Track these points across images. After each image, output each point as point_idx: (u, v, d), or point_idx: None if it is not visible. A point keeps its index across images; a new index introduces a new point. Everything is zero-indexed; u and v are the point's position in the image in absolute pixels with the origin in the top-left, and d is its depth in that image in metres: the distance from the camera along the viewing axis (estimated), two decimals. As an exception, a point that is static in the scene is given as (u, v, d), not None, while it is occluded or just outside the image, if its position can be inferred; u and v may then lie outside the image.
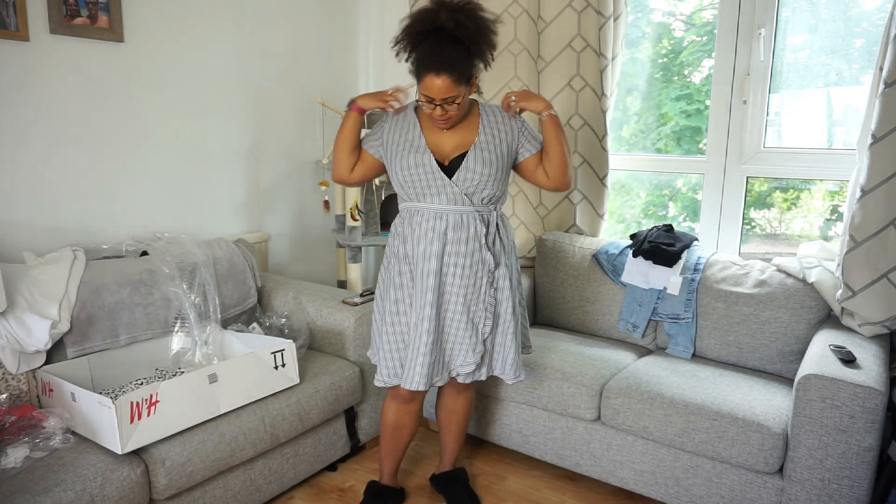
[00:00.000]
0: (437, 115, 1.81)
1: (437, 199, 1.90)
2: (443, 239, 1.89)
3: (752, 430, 1.93)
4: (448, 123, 1.85)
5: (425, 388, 1.90)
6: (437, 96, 1.76)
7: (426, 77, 1.75)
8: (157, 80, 2.51)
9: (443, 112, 1.79)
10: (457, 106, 1.80)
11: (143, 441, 1.76)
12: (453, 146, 1.90)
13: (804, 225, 2.70)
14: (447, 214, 1.90)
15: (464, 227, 1.90)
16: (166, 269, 2.28)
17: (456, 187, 1.87)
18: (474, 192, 1.89)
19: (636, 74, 2.96)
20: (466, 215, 1.90)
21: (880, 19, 2.36)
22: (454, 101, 1.79)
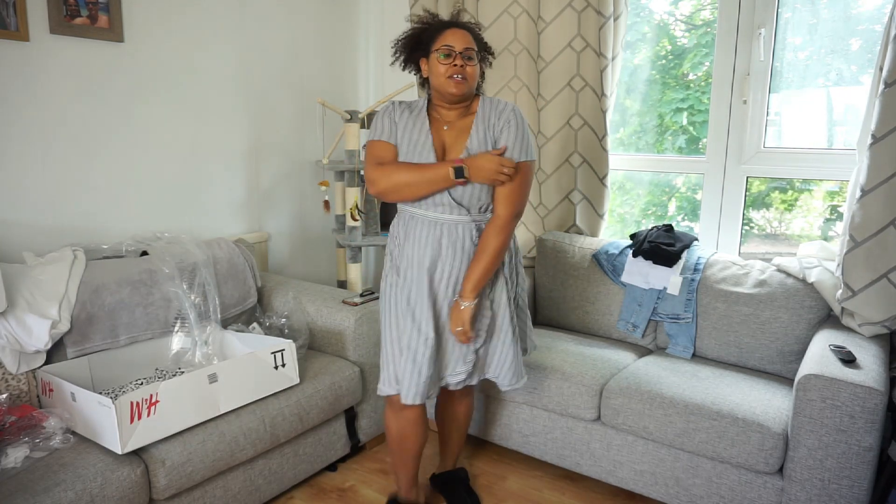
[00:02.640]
0: (453, 73, 1.76)
1: (433, 206, 1.84)
2: (436, 249, 1.84)
3: (752, 430, 1.93)
4: (463, 86, 1.77)
5: (422, 401, 1.87)
6: (458, 45, 1.76)
7: (447, 31, 1.78)
8: (157, 80, 2.51)
9: (461, 67, 1.75)
10: (474, 67, 1.78)
11: (143, 441, 1.76)
12: (458, 150, 1.85)
13: (804, 225, 2.70)
14: (443, 224, 1.84)
15: (458, 238, 1.84)
16: (166, 269, 2.28)
17: (450, 196, 1.81)
18: (469, 199, 1.82)
19: (636, 75, 2.96)
20: (462, 226, 1.84)
21: (880, 19, 2.36)
22: (471, 58, 1.78)
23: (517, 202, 1.82)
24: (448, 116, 1.87)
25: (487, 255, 1.81)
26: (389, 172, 1.82)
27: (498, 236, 1.81)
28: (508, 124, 1.80)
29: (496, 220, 1.82)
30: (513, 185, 1.79)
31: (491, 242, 1.81)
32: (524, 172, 1.81)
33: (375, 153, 1.86)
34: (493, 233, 1.81)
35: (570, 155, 2.88)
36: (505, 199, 1.80)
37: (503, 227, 1.81)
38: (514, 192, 1.80)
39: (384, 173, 1.82)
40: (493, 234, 1.81)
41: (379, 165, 1.84)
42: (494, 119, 1.82)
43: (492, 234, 1.81)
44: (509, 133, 1.79)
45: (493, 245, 1.81)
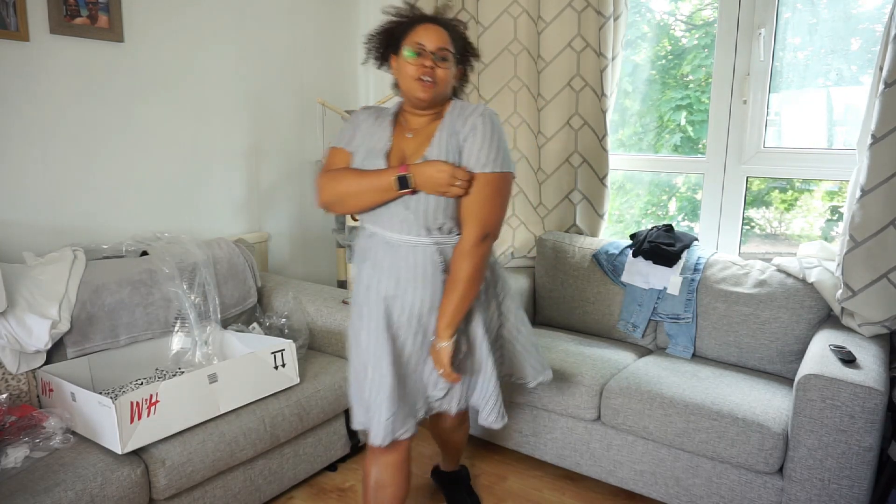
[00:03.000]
0: (421, 74, 1.56)
1: (389, 223, 1.62)
2: (394, 275, 1.63)
3: (752, 430, 1.93)
4: (431, 90, 1.57)
5: (388, 443, 1.64)
6: (430, 43, 1.56)
7: (419, 27, 1.60)
8: (157, 80, 2.51)
9: (431, 69, 1.56)
10: (446, 70, 1.58)
11: (143, 441, 1.76)
12: (411, 155, 1.64)
13: (804, 225, 2.70)
14: (400, 246, 1.62)
15: (419, 263, 1.61)
16: (166, 269, 2.29)
17: (407, 210, 1.58)
18: (424, 216, 1.58)
19: (636, 74, 2.96)
20: (422, 250, 1.61)
21: (880, 19, 2.36)
22: (445, 59, 1.58)
23: (485, 221, 1.57)
24: (414, 123, 1.67)
25: (457, 285, 1.58)
26: (333, 181, 1.63)
27: (465, 261, 1.58)
28: (474, 130, 1.56)
29: (462, 242, 1.59)
30: (478, 200, 1.56)
31: (458, 269, 1.59)
32: (492, 185, 1.55)
33: (328, 161, 1.71)
34: (459, 257, 1.59)
35: (570, 155, 2.88)
36: (470, 217, 1.57)
37: (469, 252, 1.58)
38: (480, 208, 1.56)
39: (328, 182, 1.63)
40: (459, 259, 1.59)
41: (326, 173, 1.66)
42: (460, 125, 1.59)
43: (458, 259, 1.59)
44: (474, 140, 1.56)
45: (461, 273, 1.58)
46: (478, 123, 1.56)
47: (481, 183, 1.55)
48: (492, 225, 1.59)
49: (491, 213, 1.58)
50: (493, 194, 1.57)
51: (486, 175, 1.55)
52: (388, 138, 1.65)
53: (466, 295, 1.60)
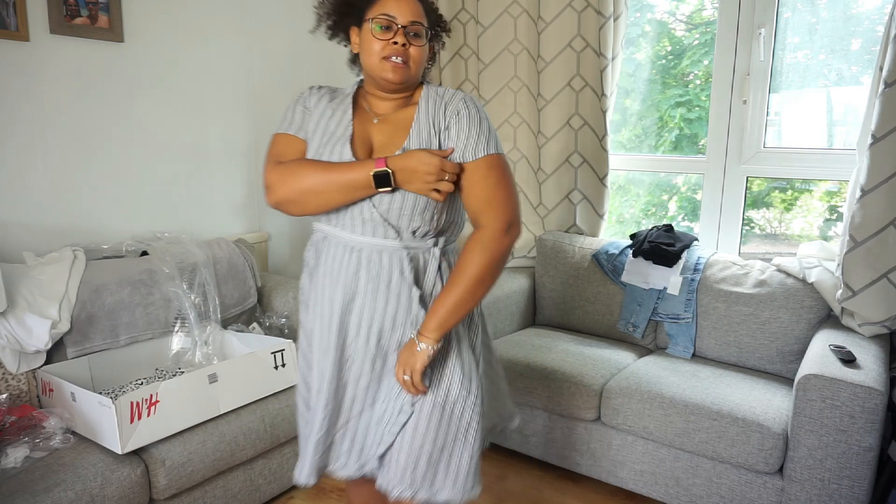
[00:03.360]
0: (391, 53, 1.31)
1: (350, 223, 1.35)
2: (352, 283, 1.36)
3: (752, 430, 1.93)
4: (402, 72, 1.33)
5: (315, 480, 1.44)
6: (401, 16, 1.32)
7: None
8: (157, 80, 2.51)
9: (402, 47, 1.32)
10: (420, 49, 1.35)
11: (143, 441, 1.76)
12: (384, 145, 1.39)
13: (804, 225, 2.70)
14: (361, 250, 1.36)
15: (383, 270, 1.35)
16: (166, 269, 2.29)
17: (374, 209, 1.32)
18: (399, 216, 1.32)
19: (636, 74, 2.96)
20: (387, 255, 1.35)
21: (880, 19, 2.36)
22: (419, 35, 1.34)
23: (507, 206, 1.33)
24: (380, 107, 1.41)
25: (465, 281, 1.31)
26: (290, 175, 1.34)
27: (480, 254, 1.30)
28: (458, 116, 1.33)
29: (482, 231, 1.33)
30: (489, 187, 1.33)
31: (469, 262, 1.31)
32: (498, 168, 1.34)
33: (275, 150, 1.41)
34: (477, 248, 1.31)
35: (570, 155, 2.88)
36: (488, 207, 1.33)
37: (489, 242, 1.31)
38: (495, 193, 1.33)
39: (283, 176, 1.34)
40: (477, 251, 1.31)
41: (277, 166, 1.36)
42: (440, 114, 1.35)
43: (476, 251, 1.31)
44: (459, 127, 1.33)
45: (471, 267, 1.31)
46: (461, 108, 1.33)
47: (485, 168, 1.32)
48: (515, 211, 1.35)
49: (509, 197, 1.34)
50: (502, 177, 1.34)
51: (488, 158, 1.32)
52: (349, 123, 1.37)
53: (470, 295, 1.32)
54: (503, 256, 1.34)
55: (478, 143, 1.33)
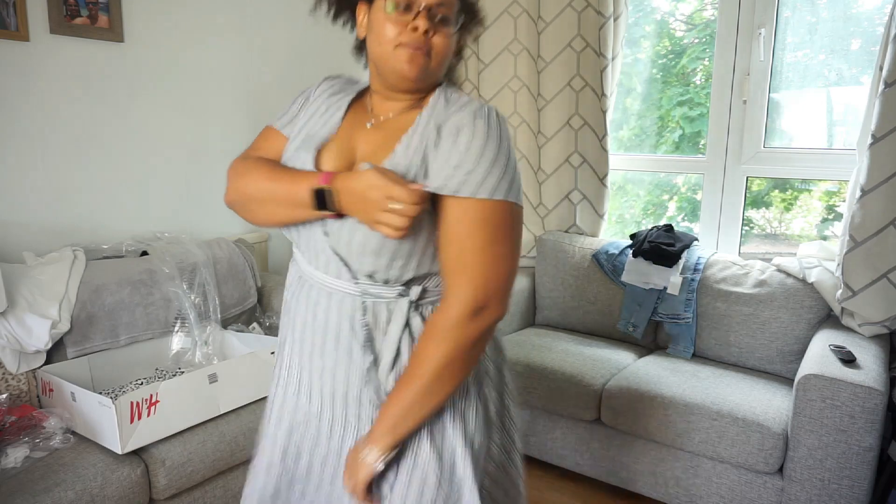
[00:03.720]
0: (410, 41, 1.00)
1: (306, 250, 1.09)
2: (302, 333, 1.10)
3: (752, 430, 1.93)
4: (422, 64, 1.01)
5: None
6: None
7: None
8: (157, 80, 2.51)
9: (423, 35, 1.00)
10: (446, 39, 1.03)
11: (143, 441, 1.76)
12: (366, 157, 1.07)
13: (804, 225, 2.70)
14: (321, 290, 1.07)
15: (333, 318, 1.06)
16: (166, 269, 2.28)
17: (326, 238, 1.04)
18: (348, 254, 1.02)
19: (636, 74, 2.96)
20: (341, 300, 1.05)
21: (880, 19, 2.36)
22: (446, 22, 1.02)
23: (486, 279, 0.96)
24: (383, 109, 1.10)
25: (421, 376, 0.98)
26: (239, 175, 1.13)
27: (441, 343, 0.97)
28: (456, 134, 0.98)
29: (441, 312, 0.99)
30: (470, 246, 0.96)
31: (429, 353, 0.98)
32: (491, 223, 0.97)
33: (253, 143, 1.23)
34: (434, 334, 0.98)
35: (570, 155, 2.88)
36: (457, 273, 0.97)
37: (451, 328, 0.97)
38: (474, 257, 0.96)
39: (234, 175, 1.14)
40: (434, 338, 0.98)
41: (237, 161, 1.17)
42: (443, 121, 1.02)
43: (432, 337, 0.99)
44: (454, 148, 0.98)
45: (431, 359, 0.98)
46: (465, 123, 0.98)
47: (473, 215, 0.96)
48: (498, 288, 0.97)
49: (495, 267, 0.97)
50: (496, 237, 0.97)
51: (483, 204, 0.95)
52: (336, 124, 1.11)
53: (428, 395, 0.98)
54: (469, 348, 0.98)
55: (471, 176, 0.95)
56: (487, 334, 1.00)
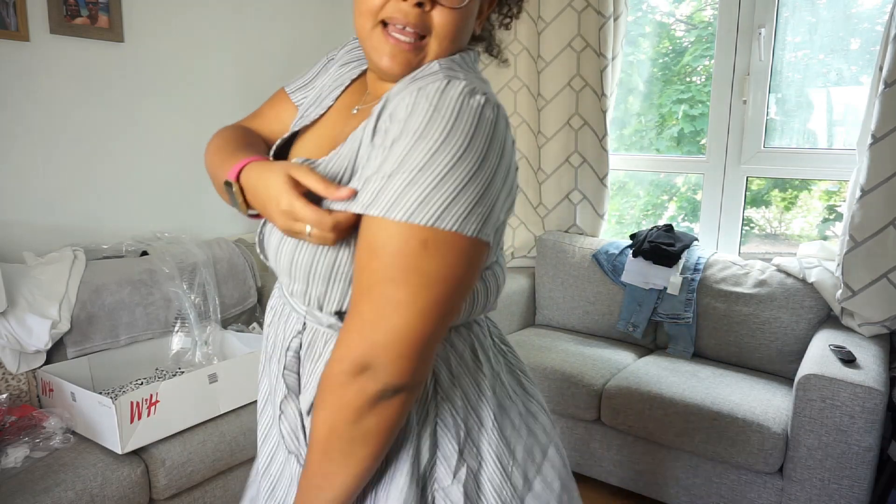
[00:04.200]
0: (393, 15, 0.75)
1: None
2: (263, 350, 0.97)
3: (752, 430, 1.93)
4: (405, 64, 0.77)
5: None
6: None
7: None
8: (157, 80, 2.51)
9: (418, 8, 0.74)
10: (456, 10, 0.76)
11: (143, 441, 1.76)
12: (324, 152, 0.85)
13: (804, 225, 2.70)
14: (275, 301, 0.94)
15: (279, 337, 0.89)
16: (166, 269, 2.29)
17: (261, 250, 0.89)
18: (275, 261, 0.83)
19: (637, 74, 2.96)
20: (286, 319, 0.89)
21: (880, 19, 2.36)
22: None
23: (368, 323, 0.71)
24: (377, 90, 0.85)
25: (311, 449, 0.77)
26: (212, 141, 0.95)
27: (318, 409, 0.76)
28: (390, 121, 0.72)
29: (328, 365, 0.75)
30: (365, 279, 0.71)
31: (314, 416, 0.77)
32: (399, 256, 0.69)
33: (259, 108, 1.05)
34: (318, 393, 0.76)
35: (570, 155, 2.88)
36: (350, 310, 0.74)
37: (326, 388, 0.74)
38: (361, 291, 0.72)
39: (210, 140, 0.95)
40: (317, 397, 0.77)
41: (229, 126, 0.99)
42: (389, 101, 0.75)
43: (316, 398, 0.77)
44: (382, 144, 0.72)
45: (315, 425, 0.76)
46: (401, 106, 0.71)
47: (371, 242, 0.71)
48: (381, 343, 0.70)
49: (382, 314, 0.70)
50: (394, 274, 0.69)
51: (387, 227, 0.69)
52: (329, 104, 0.91)
53: (319, 474, 0.77)
54: (352, 420, 0.72)
55: (387, 186, 0.69)
56: (381, 408, 0.72)
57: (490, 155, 0.69)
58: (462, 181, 0.68)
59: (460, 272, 0.71)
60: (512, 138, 0.75)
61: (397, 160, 0.68)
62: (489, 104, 0.71)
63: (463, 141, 0.68)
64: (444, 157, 0.67)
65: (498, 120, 0.71)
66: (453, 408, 0.83)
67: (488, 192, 0.70)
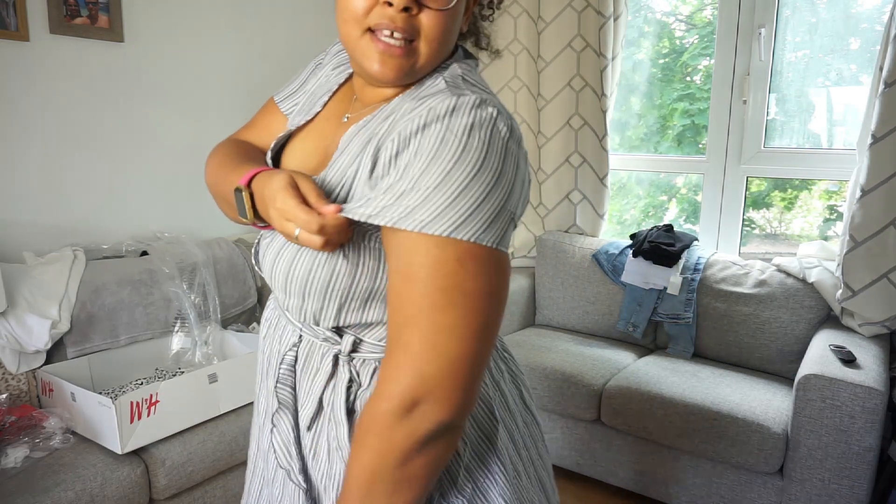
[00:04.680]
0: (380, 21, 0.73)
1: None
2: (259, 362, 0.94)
3: (752, 430, 1.93)
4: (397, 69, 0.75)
5: None
6: None
7: None
8: (157, 80, 2.51)
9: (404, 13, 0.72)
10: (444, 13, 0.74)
11: (143, 441, 1.76)
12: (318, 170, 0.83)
13: (804, 225, 2.70)
14: (271, 314, 0.93)
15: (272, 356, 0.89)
16: (166, 269, 2.28)
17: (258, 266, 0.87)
18: (271, 276, 0.82)
19: (637, 74, 2.96)
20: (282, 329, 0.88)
21: (880, 19, 2.36)
22: None
23: (418, 356, 0.67)
24: (366, 96, 0.83)
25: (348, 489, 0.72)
26: (207, 162, 0.94)
27: (359, 451, 0.71)
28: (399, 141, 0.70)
29: (372, 400, 0.70)
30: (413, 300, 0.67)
31: (350, 462, 0.72)
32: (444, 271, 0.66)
33: (252, 119, 1.03)
34: (360, 433, 0.72)
35: (570, 155, 2.88)
36: (391, 342, 0.70)
37: (370, 430, 0.70)
38: (420, 321, 0.67)
39: (210, 155, 0.95)
40: (359, 437, 0.72)
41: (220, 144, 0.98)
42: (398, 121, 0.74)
43: (358, 436, 0.72)
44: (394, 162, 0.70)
45: (350, 469, 0.72)
46: (416, 125, 0.69)
47: (408, 261, 0.68)
48: (434, 376, 0.67)
49: (433, 343, 0.67)
50: (439, 298, 0.67)
51: (426, 242, 0.67)
52: (318, 110, 0.89)
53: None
54: (400, 462, 0.68)
55: (406, 198, 0.67)
56: (430, 448, 0.68)
57: (507, 167, 0.69)
58: (483, 194, 0.67)
59: (500, 287, 0.70)
60: (525, 150, 0.75)
61: (420, 174, 0.67)
62: (501, 116, 0.70)
63: (481, 153, 0.67)
64: (462, 171, 0.67)
65: (512, 132, 0.71)
66: None
67: (508, 202, 0.70)
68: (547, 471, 0.94)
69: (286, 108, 0.96)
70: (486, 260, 0.68)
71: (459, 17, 0.78)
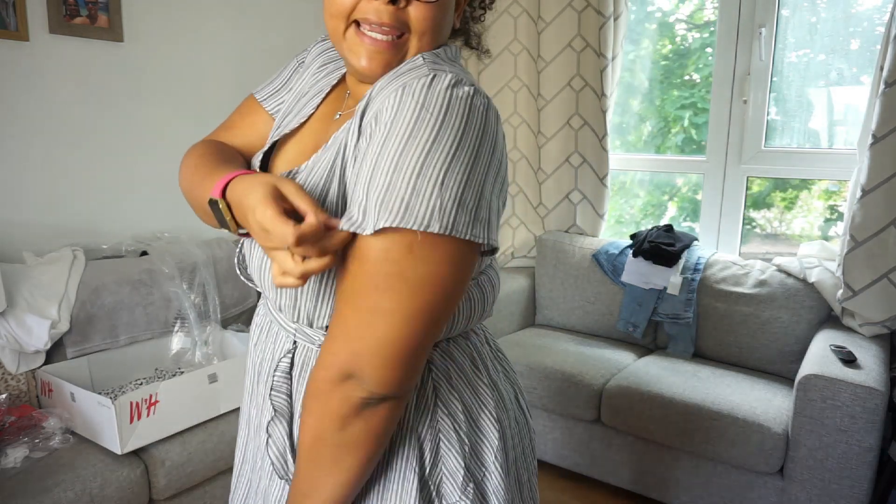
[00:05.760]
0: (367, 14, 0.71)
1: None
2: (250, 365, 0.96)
3: (753, 430, 1.93)
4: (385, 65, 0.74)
5: None
6: None
7: None
8: (157, 80, 2.51)
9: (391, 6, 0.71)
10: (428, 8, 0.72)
11: (142, 441, 1.76)
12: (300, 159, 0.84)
13: (804, 225, 2.70)
14: (262, 317, 0.93)
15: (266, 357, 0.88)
16: (166, 269, 2.28)
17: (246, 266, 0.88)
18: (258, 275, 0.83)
19: (638, 74, 2.96)
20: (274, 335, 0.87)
21: (880, 19, 2.36)
22: None
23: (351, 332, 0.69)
24: (358, 92, 0.81)
25: (300, 456, 0.76)
26: (184, 160, 0.91)
27: (307, 409, 0.74)
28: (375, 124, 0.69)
29: (313, 369, 0.73)
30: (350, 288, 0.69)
31: (301, 421, 0.75)
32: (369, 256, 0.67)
33: (228, 118, 1.03)
34: (304, 399, 0.75)
35: (570, 155, 2.88)
36: (336, 321, 0.71)
37: (311, 394, 0.73)
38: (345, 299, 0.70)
39: (183, 158, 0.92)
40: (303, 403, 0.75)
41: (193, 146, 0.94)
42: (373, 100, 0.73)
43: (303, 403, 0.75)
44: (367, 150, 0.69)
45: (303, 430, 0.74)
46: (387, 106, 0.68)
47: (357, 248, 0.68)
48: (365, 352, 0.68)
49: (366, 323, 0.68)
50: (376, 282, 0.67)
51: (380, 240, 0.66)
52: (310, 111, 0.87)
53: (307, 481, 0.75)
54: (337, 427, 0.71)
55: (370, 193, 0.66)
56: (367, 415, 0.70)
57: (482, 150, 0.68)
58: (453, 179, 0.65)
59: (449, 277, 0.68)
60: (503, 132, 0.74)
61: (387, 162, 0.65)
62: (478, 94, 0.69)
63: (454, 137, 0.65)
64: (438, 156, 0.65)
65: (488, 111, 0.69)
66: (455, 422, 0.81)
67: (479, 189, 0.67)
68: (529, 471, 0.94)
69: (271, 107, 0.94)
70: (443, 249, 0.67)
71: (450, 10, 0.76)
